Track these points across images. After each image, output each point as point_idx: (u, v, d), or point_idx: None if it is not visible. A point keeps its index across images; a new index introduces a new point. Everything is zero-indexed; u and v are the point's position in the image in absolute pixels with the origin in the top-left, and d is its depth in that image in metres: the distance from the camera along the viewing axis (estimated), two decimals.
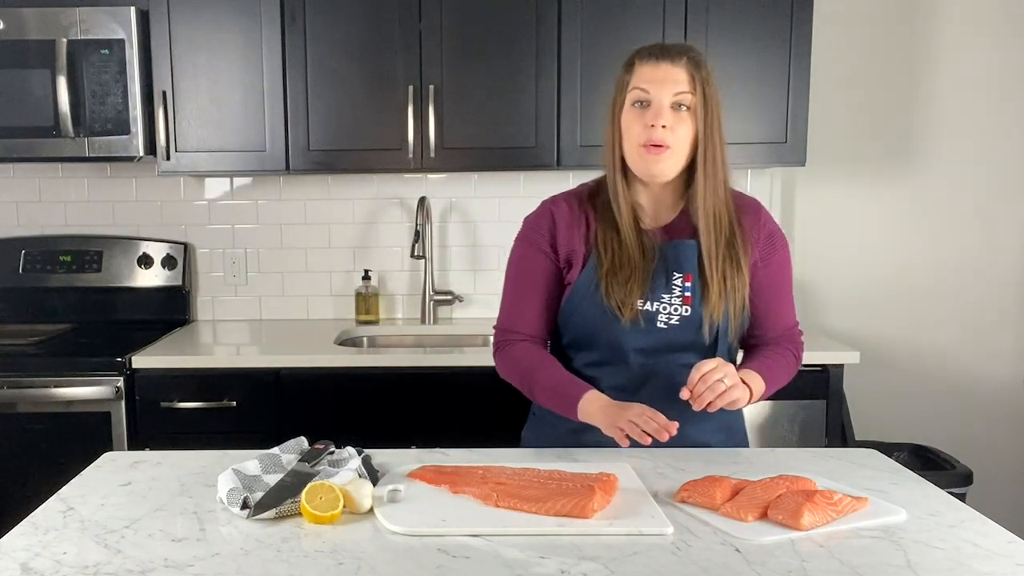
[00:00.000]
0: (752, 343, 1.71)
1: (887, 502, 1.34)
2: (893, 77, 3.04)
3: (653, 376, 1.61)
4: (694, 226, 1.60)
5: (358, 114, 2.68)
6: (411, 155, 2.68)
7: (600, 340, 1.61)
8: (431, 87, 2.65)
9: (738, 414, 1.73)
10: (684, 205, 1.63)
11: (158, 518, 1.28)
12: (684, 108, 1.53)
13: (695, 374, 1.47)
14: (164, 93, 2.65)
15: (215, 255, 3.10)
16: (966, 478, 2.63)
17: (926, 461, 2.77)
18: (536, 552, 1.16)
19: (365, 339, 2.97)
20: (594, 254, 1.60)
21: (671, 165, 1.55)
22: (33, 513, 1.31)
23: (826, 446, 2.46)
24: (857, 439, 2.83)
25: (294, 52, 2.65)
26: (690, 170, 1.58)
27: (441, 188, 3.05)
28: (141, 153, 2.66)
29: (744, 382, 1.53)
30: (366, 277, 3.04)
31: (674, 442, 1.51)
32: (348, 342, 2.88)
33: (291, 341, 2.78)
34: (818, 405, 2.50)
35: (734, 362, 1.67)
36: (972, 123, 3.05)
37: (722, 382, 1.47)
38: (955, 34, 3.01)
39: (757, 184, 3.06)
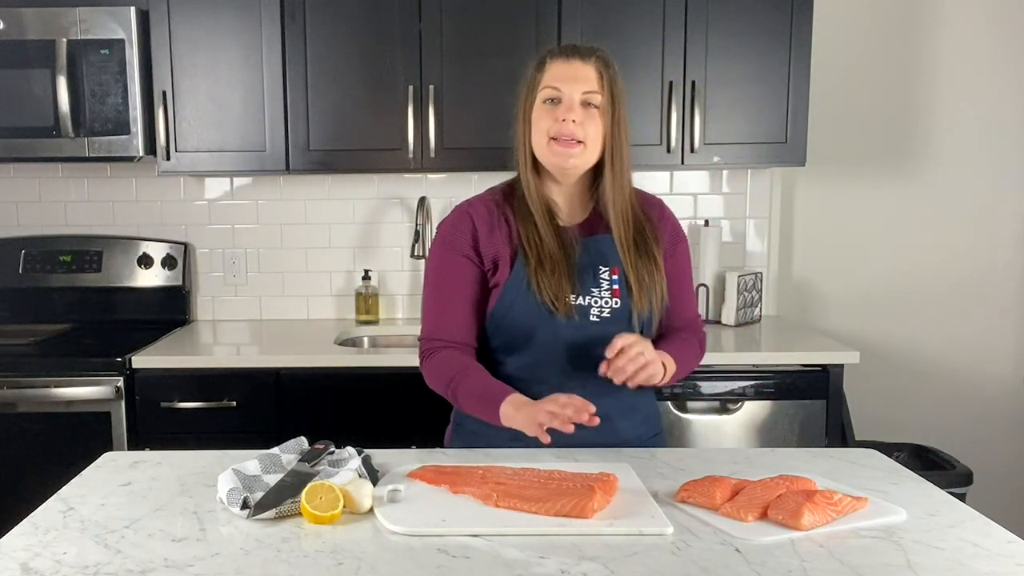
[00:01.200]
0: (660, 335, 1.71)
1: (887, 502, 1.34)
2: (893, 77, 3.04)
3: (588, 372, 1.58)
4: (607, 223, 1.63)
5: (358, 114, 2.68)
6: (411, 155, 2.68)
7: (535, 338, 1.59)
8: (431, 87, 2.65)
9: (655, 404, 1.76)
10: (594, 204, 1.66)
11: (158, 518, 1.28)
12: (593, 107, 1.56)
13: (615, 345, 1.47)
14: (164, 93, 2.65)
15: (215, 255, 3.10)
16: (966, 478, 2.62)
17: (926, 461, 2.76)
18: (536, 552, 1.16)
19: (365, 339, 2.97)
20: (520, 253, 1.61)
21: (583, 160, 1.58)
22: (33, 513, 1.31)
23: (826, 446, 2.46)
24: (857, 439, 2.83)
25: (294, 52, 2.65)
26: (597, 169, 1.62)
27: (441, 188, 3.05)
28: (141, 153, 2.66)
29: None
30: (366, 277, 3.04)
31: (602, 437, 1.54)
32: (348, 342, 2.88)
33: (291, 341, 2.78)
34: (818, 405, 2.50)
35: None
36: (972, 123, 3.05)
37: (642, 355, 1.48)
38: (955, 34, 3.01)
39: (757, 184, 3.06)
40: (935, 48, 3.03)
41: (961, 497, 2.13)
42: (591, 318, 1.60)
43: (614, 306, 1.60)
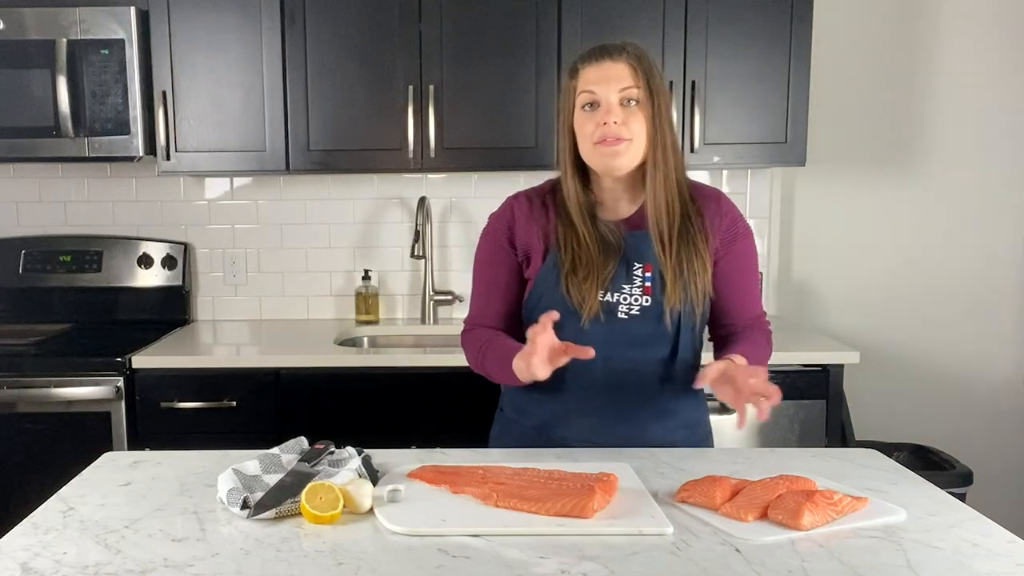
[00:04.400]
0: (722, 333, 1.71)
1: (887, 502, 1.34)
2: (893, 77, 3.04)
3: (618, 372, 1.60)
4: (647, 212, 1.61)
5: (358, 114, 2.68)
6: (411, 155, 2.68)
7: (562, 333, 1.59)
8: (431, 87, 2.65)
9: (703, 410, 1.74)
10: (643, 199, 1.64)
11: (158, 518, 1.28)
12: (633, 103, 1.55)
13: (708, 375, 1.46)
14: (164, 93, 2.65)
15: (215, 255, 3.10)
16: (966, 478, 2.62)
17: (926, 461, 2.76)
18: (536, 552, 1.16)
19: (365, 339, 2.97)
20: (553, 250, 1.62)
21: (630, 157, 1.56)
22: (33, 513, 1.31)
23: (826, 446, 2.46)
24: (857, 439, 2.83)
25: (294, 52, 2.65)
26: (645, 163, 1.60)
27: (441, 188, 3.05)
28: (141, 153, 2.66)
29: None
30: (366, 277, 3.04)
31: (638, 442, 1.57)
32: (348, 342, 2.88)
33: (291, 341, 2.78)
34: (818, 405, 2.50)
35: (699, 355, 1.68)
36: (972, 123, 3.05)
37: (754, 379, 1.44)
38: (955, 34, 3.01)
39: (757, 184, 3.06)
40: (935, 48, 3.03)
41: (961, 497, 2.13)
42: (619, 315, 1.59)
43: (644, 303, 1.59)
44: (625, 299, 1.59)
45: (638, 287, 1.60)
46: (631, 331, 1.59)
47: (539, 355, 1.43)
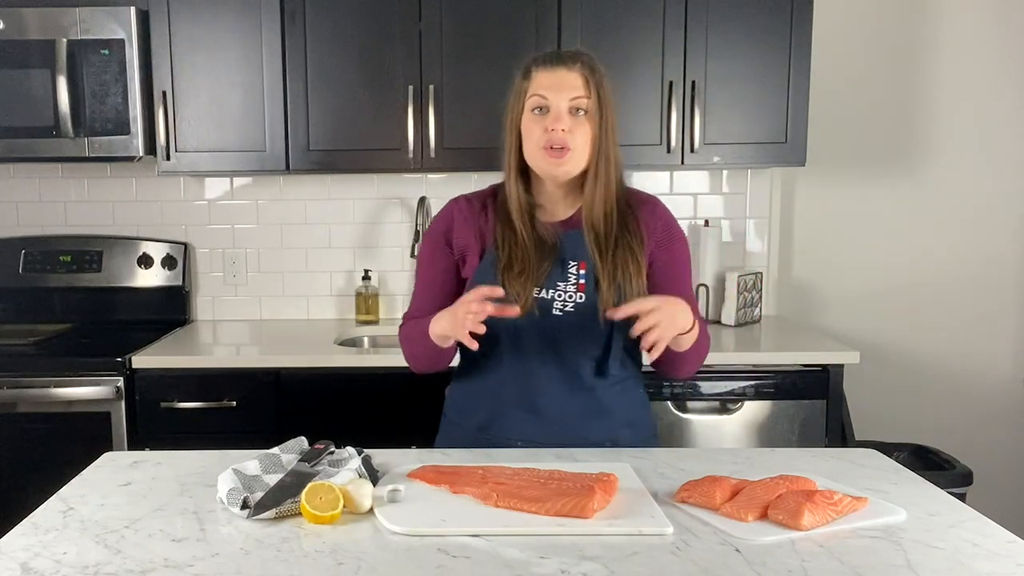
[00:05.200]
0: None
1: (887, 502, 1.34)
2: (893, 77, 3.04)
3: (552, 366, 1.63)
4: (584, 217, 1.64)
5: (358, 114, 2.68)
6: (411, 155, 2.68)
7: (499, 330, 1.62)
8: (431, 87, 2.65)
9: (644, 409, 1.74)
10: (580, 202, 1.66)
11: (158, 518, 1.28)
12: (582, 112, 1.58)
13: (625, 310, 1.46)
14: (164, 93, 2.65)
15: (215, 255, 3.10)
16: (966, 478, 2.62)
17: (926, 461, 2.76)
18: (536, 552, 1.16)
19: (365, 339, 2.97)
20: (491, 249, 1.65)
21: (573, 165, 1.59)
22: (33, 513, 1.31)
23: (826, 446, 2.46)
24: (857, 439, 2.83)
25: (294, 52, 2.65)
26: (587, 170, 1.63)
27: (441, 188, 3.05)
28: (141, 153, 2.66)
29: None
30: (366, 277, 3.04)
31: (581, 442, 1.59)
32: (348, 342, 2.88)
33: (291, 341, 2.78)
34: (818, 405, 2.50)
35: (632, 358, 1.70)
36: (972, 123, 3.05)
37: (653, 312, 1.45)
38: (955, 34, 3.01)
39: (757, 184, 3.06)
40: (935, 48, 3.03)
41: (961, 497, 2.13)
42: (554, 311, 1.61)
43: (579, 300, 1.61)
44: (560, 296, 1.62)
45: (572, 284, 1.62)
46: (565, 328, 1.61)
47: (474, 295, 1.46)
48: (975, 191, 3.08)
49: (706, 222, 3.01)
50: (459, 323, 1.48)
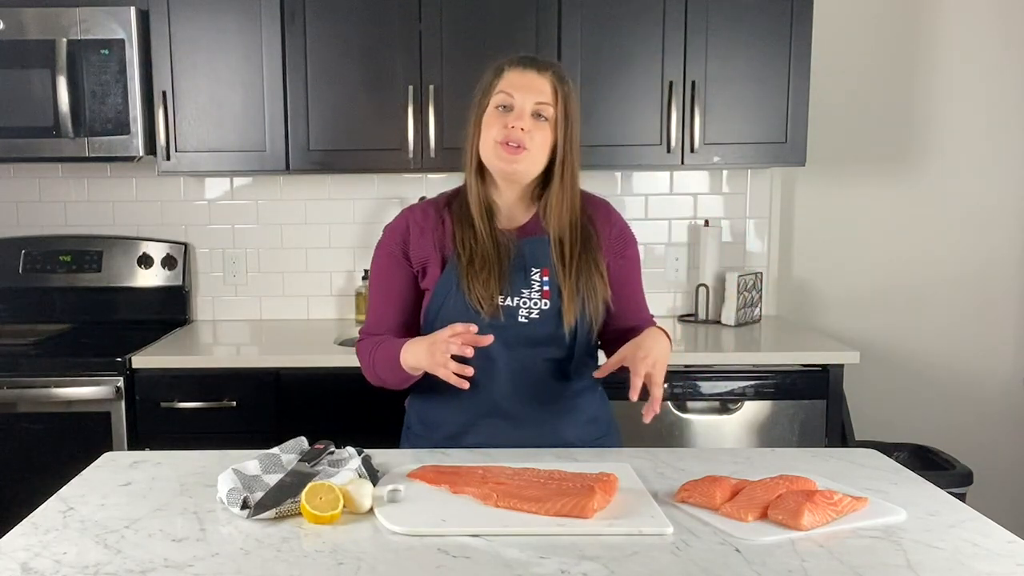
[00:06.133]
0: (614, 337, 1.70)
1: (887, 502, 1.34)
2: (893, 77, 3.04)
3: (518, 372, 1.62)
4: (546, 228, 1.65)
5: (358, 114, 2.68)
6: (411, 155, 2.68)
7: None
8: (431, 87, 2.65)
9: (603, 406, 1.75)
10: (536, 210, 1.67)
11: (158, 518, 1.29)
12: (543, 118, 1.59)
13: (636, 386, 1.48)
14: (164, 93, 2.65)
15: (215, 255, 3.10)
16: (966, 478, 2.62)
17: (926, 461, 2.76)
18: (536, 552, 1.16)
19: None
20: (452, 256, 1.63)
21: (527, 167, 1.59)
22: (33, 513, 1.31)
23: (826, 446, 2.46)
24: (857, 439, 2.83)
25: (294, 52, 2.65)
26: (544, 178, 1.64)
27: (441, 188, 3.00)
28: (141, 153, 2.66)
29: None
30: (366, 277, 3.04)
31: (544, 439, 1.60)
32: (348, 342, 2.87)
33: (291, 341, 2.78)
34: (818, 405, 2.50)
35: (594, 352, 1.72)
36: (972, 123, 3.05)
37: (647, 358, 1.49)
38: (955, 34, 3.01)
39: (757, 184, 3.06)
40: (935, 48, 3.03)
41: (961, 497, 2.13)
42: (519, 319, 1.61)
43: (543, 307, 1.62)
44: (525, 303, 1.62)
45: (536, 291, 1.62)
46: (530, 334, 1.61)
47: (455, 330, 1.44)
48: (975, 191, 3.08)
49: (706, 222, 3.01)
50: (437, 364, 1.47)
